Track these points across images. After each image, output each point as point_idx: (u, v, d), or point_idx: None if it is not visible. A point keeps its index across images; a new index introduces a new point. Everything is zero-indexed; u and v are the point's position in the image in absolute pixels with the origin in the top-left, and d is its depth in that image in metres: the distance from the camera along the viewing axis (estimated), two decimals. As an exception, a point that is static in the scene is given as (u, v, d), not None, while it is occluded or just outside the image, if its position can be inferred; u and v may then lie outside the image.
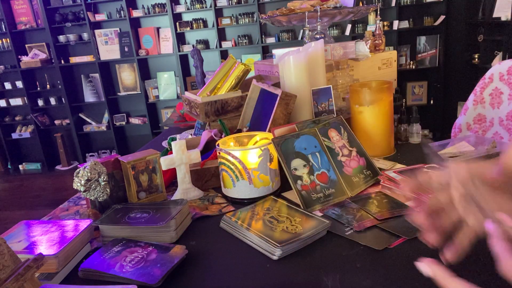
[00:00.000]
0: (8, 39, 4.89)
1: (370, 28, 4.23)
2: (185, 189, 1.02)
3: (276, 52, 1.43)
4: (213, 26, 4.69)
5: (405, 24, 4.42)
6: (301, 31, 4.44)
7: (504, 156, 0.47)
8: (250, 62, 4.51)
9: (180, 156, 1.00)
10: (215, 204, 0.98)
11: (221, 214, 0.91)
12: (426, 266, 0.46)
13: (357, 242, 0.74)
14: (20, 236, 0.78)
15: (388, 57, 1.56)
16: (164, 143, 1.56)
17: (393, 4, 4.35)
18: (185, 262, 0.73)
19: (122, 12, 4.73)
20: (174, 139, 1.28)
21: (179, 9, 4.70)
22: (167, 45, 4.85)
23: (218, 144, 0.99)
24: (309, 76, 1.20)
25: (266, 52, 4.73)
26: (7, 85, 5.04)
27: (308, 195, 0.91)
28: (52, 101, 5.11)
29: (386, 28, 4.38)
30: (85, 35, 4.89)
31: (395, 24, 4.38)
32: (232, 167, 0.94)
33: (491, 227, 0.43)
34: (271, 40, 4.67)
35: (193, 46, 4.80)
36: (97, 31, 4.85)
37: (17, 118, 5.23)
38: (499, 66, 1.28)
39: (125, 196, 1.00)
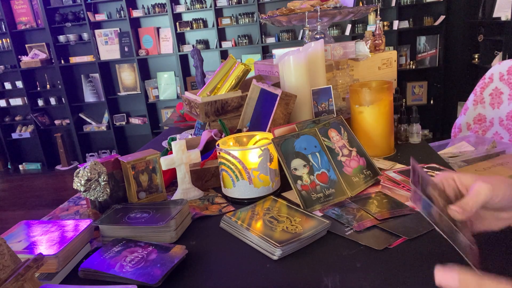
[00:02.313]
0: (8, 39, 4.89)
1: (370, 28, 4.23)
2: (185, 189, 1.02)
3: (276, 52, 1.43)
4: (213, 26, 4.69)
5: (405, 24, 4.42)
6: (301, 31, 4.44)
7: None
8: (250, 62, 4.51)
9: (180, 156, 1.00)
10: (215, 204, 0.98)
11: (221, 214, 0.91)
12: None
13: (357, 242, 0.74)
14: (20, 236, 0.78)
15: (388, 57, 1.56)
16: (164, 143, 1.56)
17: (393, 4, 4.35)
18: (185, 262, 0.73)
19: (122, 12, 4.74)
20: (174, 139, 1.28)
21: (179, 9, 4.70)
22: (167, 45, 4.86)
23: (218, 144, 0.99)
24: (309, 76, 1.20)
25: (266, 52, 4.73)
26: (7, 85, 5.05)
27: (308, 195, 0.91)
28: (52, 101, 5.11)
29: (386, 28, 4.39)
30: (85, 35, 4.90)
31: (395, 24, 4.38)
32: (232, 167, 0.94)
33: None
34: (271, 40, 4.67)
35: (193, 46, 4.80)
36: (97, 31, 4.86)
37: (17, 118, 5.24)
38: (499, 66, 1.27)
39: (125, 196, 1.00)
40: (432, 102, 4.61)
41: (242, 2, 4.58)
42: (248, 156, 0.93)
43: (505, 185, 0.53)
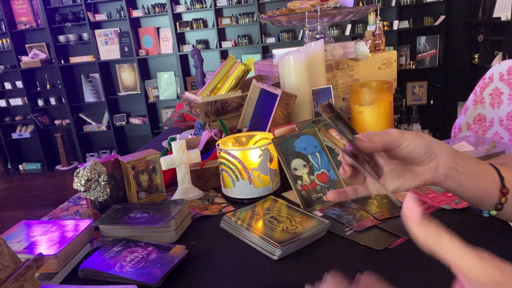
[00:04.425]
0: (8, 39, 4.89)
1: (370, 28, 4.23)
2: (185, 189, 1.02)
3: (276, 52, 1.43)
4: (213, 26, 4.69)
5: (405, 24, 4.42)
6: (301, 31, 4.44)
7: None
8: (250, 62, 4.51)
9: (180, 156, 1.00)
10: (215, 204, 0.98)
11: (221, 214, 0.91)
12: None
13: (357, 242, 0.74)
14: (20, 236, 0.78)
15: (388, 57, 1.55)
16: (164, 143, 1.56)
17: (393, 4, 4.35)
18: (185, 262, 0.73)
19: (122, 12, 4.74)
20: (174, 139, 1.28)
21: (179, 9, 4.70)
22: (167, 45, 4.86)
23: (218, 144, 0.99)
24: (309, 76, 1.20)
25: (266, 52, 4.73)
26: (7, 85, 5.04)
27: (308, 195, 0.91)
28: (52, 101, 5.11)
29: (386, 28, 4.38)
30: (85, 35, 4.90)
31: (395, 24, 4.38)
32: (232, 167, 0.94)
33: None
34: (271, 40, 4.67)
35: (193, 46, 4.80)
36: (97, 31, 4.86)
37: (17, 118, 5.23)
38: (499, 66, 1.27)
39: (125, 196, 1.00)
40: (432, 102, 4.60)
41: (242, 2, 4.58)
42: (248, 156, 0.93)
43: (420, 138, 0.53)
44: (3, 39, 4.93)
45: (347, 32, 4.47)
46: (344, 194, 0.58)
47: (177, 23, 4.70)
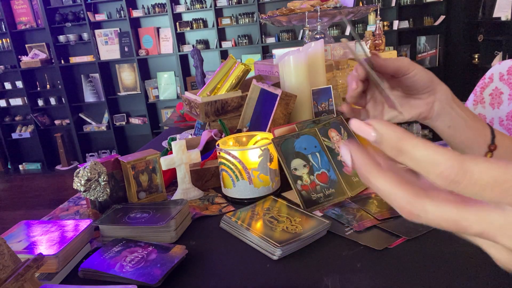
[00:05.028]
0: (8, 39, 4.89)
1: (370, 28, 4.23)
2: (185, 189, 1.02)
3: (276, 52, 1.43)
4: (213, 26, 4.69)
5: (405, 24, 4.42)
6: (301, 31, 4.44)
7: None
8: (250, 62, 4.51)
9: (180, 156, 1.00)
10: (215, 204, 0.98)
11: (221, 214, 0.91)
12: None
13: (357, 242, 0.74)
14: (20, 236, 0.78)
15: (388, 57, 1.55)
16: (164, 143, 1.56)
17: (393, 4, 4.35)
18: (185, 262, 0.73)
19: (122, 12, 4.74)
20: (174, 139, 1.28)
21: (179, 9, 4.70)
22: (167, 45, 4.86)
23: (218, 144, 0.99)
24: (309, 76, 1.20)
25: (266, 52, 4.73)
26: (7, 85, 5.05)
27: (308, 195, 0.91)
28: (52, 101, 5.11)
29: (386, 28, 4.39)
30: (85, 35, 4.90)
31: (395, 24, 4.38)
32: (232, 167, 0.94)
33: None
34: (271, 40, 4.68)
35: (193, 46, 4.81)
36: (97, 31, 4.86)
37: (17, 118, 5.24)
38: (499, 66, 1.27)
39: (125, 196, 1.00)
40: (432, 102, 4.60)
41: (242, 2, 4.58)
42: (248, 156, 0.93)
43: (426, 72, 0.57)
44: (3, 39, 4.93)
45: (347, 32, 4.47)
46: (354, 111, 0.61)
47: (177, 23, 4.70)
